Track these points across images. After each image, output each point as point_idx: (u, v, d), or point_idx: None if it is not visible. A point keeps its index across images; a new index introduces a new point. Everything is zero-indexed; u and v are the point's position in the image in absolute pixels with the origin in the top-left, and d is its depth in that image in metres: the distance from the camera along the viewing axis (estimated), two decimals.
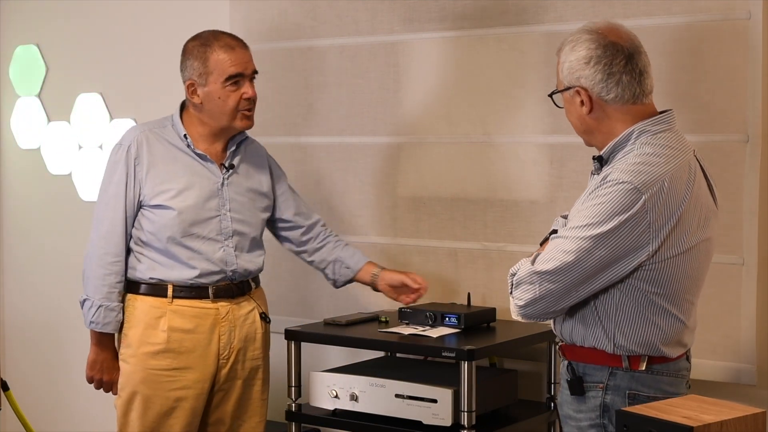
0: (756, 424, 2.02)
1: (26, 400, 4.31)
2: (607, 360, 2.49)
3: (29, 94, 4.66)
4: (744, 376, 3.07)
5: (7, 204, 4.79)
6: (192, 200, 3.15)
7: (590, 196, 2.44)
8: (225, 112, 3.15)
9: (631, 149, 2.46)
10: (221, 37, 3.16)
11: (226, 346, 3.20)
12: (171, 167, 3.17)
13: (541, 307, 2.46)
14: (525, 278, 2.46)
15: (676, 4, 3.16)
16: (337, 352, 3.74)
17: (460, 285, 3.56)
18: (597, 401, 2.50)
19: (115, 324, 3.17)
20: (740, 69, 3.05)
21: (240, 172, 3.26)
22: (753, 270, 3.05)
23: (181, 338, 3.16)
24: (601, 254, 2.39)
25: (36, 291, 4.71)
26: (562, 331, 2.57)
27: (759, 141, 3.04)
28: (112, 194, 3.17)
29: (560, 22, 3.32)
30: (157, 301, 3.17)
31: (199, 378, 3.18)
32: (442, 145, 3.61)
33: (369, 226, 3.76)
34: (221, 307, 3.20)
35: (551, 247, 2.45)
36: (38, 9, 4.62)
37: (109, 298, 3.15)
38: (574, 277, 2.41)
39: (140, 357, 3.16)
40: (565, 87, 2.53)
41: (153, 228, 3.16)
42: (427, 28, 3.61)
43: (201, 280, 3.17)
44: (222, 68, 3.12)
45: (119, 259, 3.16)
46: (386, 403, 3.12)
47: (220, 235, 3.19)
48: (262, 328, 3.29)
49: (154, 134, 3.20)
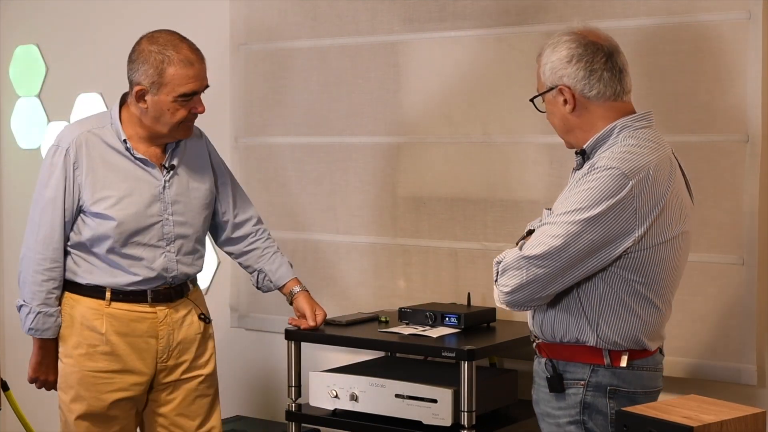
0: (756, 424, 2.03)
1: (26, 400, 4.31)
2: (589, 357, 2.52)
3: (29, 94, 4.66)
4: (744, 376, 3.07)
5: (7, 204, 4.79)
6: (133, 208, 3.07)
7: (577, 183, 2.47)
8: (168, 124, 3.05)
9: (614, 143, 2.51)
10: (181, 49, 3.02)
11: (165, 350, 3.15)
12: (110, 173, 3.07)
13: (527, 293, 2.48)
14: (512, 264, 2.48)
15: (676, 4, 3.15)
16: (337, 352, 3.74)
17: (460, 285, 3.56)
18: (577, 398, 2.53)
19: (54, 329, 3.12)
20: (740, 69, 3.05)
21: (180, 172, 3.16)
22: (753, 270, 3.05)
23: (119, 341, 3.11)
24: (590, 238, 2.42)
25: None
26: (542, 327, 2.58)
27: (759, 141, 3.04)
28: (49, 198, 3.07)
29: (560, 22, 3.32)
30: (95, 303, 3.11)
31: (137, 381, 3.13)
32: (442, 145, 3.61)
33: (369, 226, 3.76)
34: (159, 311, 3.14)
35: (538, 233, 2.47)
36: (38, 9, 4.62)
37: (47, 303, 3.09)
38: (562, 261, 2.44)
39: (77, 358, 3.11)
40: (547, 88, 2.59)
41: (92, 235, 3.07)
42: (427, 28, 3.61)
43: (140, 286, 3.11)
44: (178, 84, 3.00)
45: (58, 265, 3.09)
46: (386, 403, 3.11)
47: (161, 241, 3.11)
48: (200, 328, 3.23)
49: (93, 135, 3.08)
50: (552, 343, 2.57)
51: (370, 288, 3.75)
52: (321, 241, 3.84)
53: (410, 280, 3.68)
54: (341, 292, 3.79)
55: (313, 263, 3.85)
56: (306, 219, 3.87)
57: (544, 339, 2.59)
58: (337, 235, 3.82)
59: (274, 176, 3.91)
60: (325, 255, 3.83)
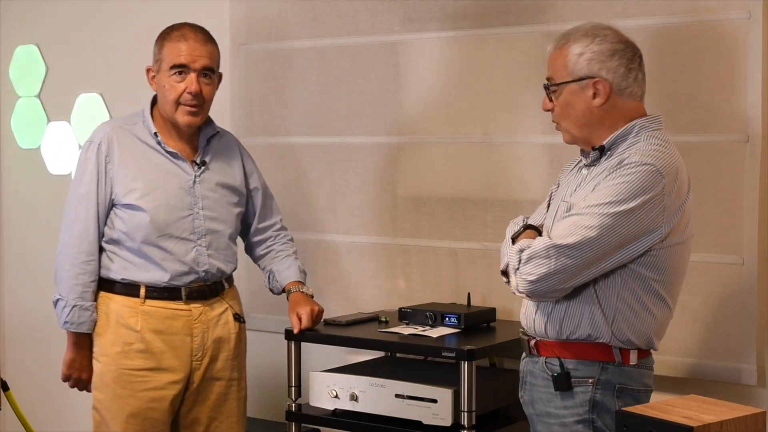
0: (756, 424, 2.03)
1: (26, 400, 4.31)
2: (599, 354, 2.52)
3: (29, 94, 4.66)
4: (744, 376, 3.07)
5: (7, 204, 4.79)
6: (162, 200, 3.12)
7: (609, 177, 2.47)
8: (168, 102, 3.12)
9: (635, 141, 2.53)
10: (182, 28, 3.16)
11: (199, 348, 3.17)
12: (141, 164, 3.14)
13: (552, 283, 2.46)
14: (540, 252, 2.45)
15: (676, 4, 3.15)
16: (337, 352, 3.74)
17: (460, 285, 3.56)
18: (586, 396, 2.52)
19: (89, 324, 3.15)
20: (740, 69, 3.05)
21: (212, 168, 3.22)
22: (753, 270, 3.06)
23: (153, 339, 3.13)
24: (622, 232, 2.43)
25: (36, 291, 4.70)
26: (546, 325, 2.57)
27: (759, 141, 3.04)
28: (83, 193, 3.14)
29: (560, 22, 3.32)
30: (130, 301, 3.14)
31: (172, 379, 3.15)
32: (442, 145, 3.61)
33: (369, 226, 3.76)
34: (194, 308, 3.17)
35: (569, 224, 2.46)
36: (38, 9, 4.62)
37: (83, 297, 3.13)
38: (593, 253, 2.44)
39: (112, 356, 3.13)
40: (577, 77, 2.55)
41: (126, 228, 3.12)
42: (427, 28, 3.61)
43: (174, 282, 3.14)
44: (170, 57, 3.11)
45: (93, 258, 3.13)
46: (386, 403, 3.11)
47: (192, 235, 3.15)
48: (235, 328, 3.26)
49: (125, 131, 3.16)
50: (557, 340, 2.56)
51: (370, 288, 3.75)
52: (321, 241, 3.84)
53: (410, 280, 3.68)
54: (341, 292, 3.79)
55: (313, 263, 3.85)
56: (306, 219, 3.87)
57: (546, 337, 2.58)
58: (337, 235, 3.82)
59: (274, 176, 3.91)
60: (325, 255, 3.83)
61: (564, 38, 2.59)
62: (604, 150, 2.56)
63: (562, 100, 2.59)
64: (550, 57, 2.61)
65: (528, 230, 2.61)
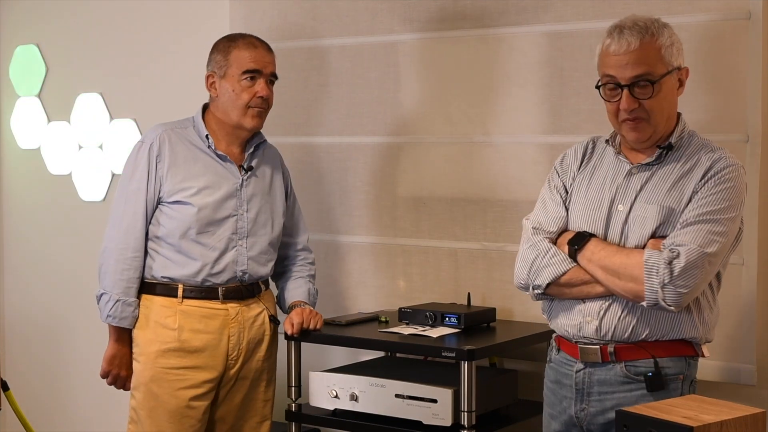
0: (756, 424, 2.02)
1: (26, 400, 4.31)
2: (686, 350, 2.56)
3: (29, 94, 4.66)
4: (744, 376, 3.07)
5: (7, 204, 4.79)
6: (212, 198, 3.18)
7: (712, 182, 2.50)
8: (237, 107, 3.19)
9: (692, 136, 2.61)
10: (248, 37, 3.26)
11: (235, 347, 3.21)
12: (192, 167, 3.20)
13: (697, 292, 2.50)
14: (695, 262, 2.44)
15: (676, 4, 3.15)
16: (337, 352, 3.74)
17: (460, 285, 3.56)
18: (677, 393, 2.53)
19: (131, 319, 3.18)
20: (740, 69, 3.05)
21: (258, 175, 3.29)
22: (753, 270, 3.06)
23: (191, 338, 3.17)
24: (734, 234, 2.53)
25: (36, 291, 4.71)
26: (633, 329, 2.54)
27: (759, 141, 3.04)
28: (133, 190, 3.19)
29: (560, 22, 3.32)
30: (168, 301, 3.18)
31: (208, 378, 3.19)
32: (442, 145, 3.61)
33: (369, 226, 3.76)
34: (231, 308, 3.21)
35: (703, 232, 2.46)
36: (38, 9, 4.62)
37: (127, 293, 3.17)
38: (721, 258, 2.52)
39: (150, 355, 3.17)
40: (673, 68, 2.55)
41: (169, 224, 3.17)
42: (427, 28, 3.61)
43: (212, 279, 3.18)
44: (240, 62, 3.19)
45: (139, 255, 3.18)
46: (386, 403, 3.11)
47: (234, 235, 3.21)
48: (270, 330, 3.30)
49: (176, 134, 3.23)
50: (644, 342, 2.54)
51: (370, 288, 3.75)
52: (321, 241, 3.83)
53: (410, 280, 3.68)
54: (341, 292, 3.79)
55: None
56: (306, 219, 3.86)
57: (630, 340, 2.55)
58: (337, 235, 3.82)
59: None
60: (325, 255, 3.83)
61: (645, 31, 2.52)
62: (671, 148, 2.58)
63: (661, 93, 2.53)
64: (636, 52, 2.51)
65: (594, 239, 2.58)
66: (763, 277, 3.06)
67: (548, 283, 2.59)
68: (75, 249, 4.52)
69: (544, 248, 2.62)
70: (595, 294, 2.57)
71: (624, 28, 2.53)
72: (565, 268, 2.58)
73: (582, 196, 2.66)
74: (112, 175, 4.39)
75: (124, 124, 4.35)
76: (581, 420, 2.62)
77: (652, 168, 2.58)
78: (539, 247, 2.63)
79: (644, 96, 2.52)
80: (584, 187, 2.67)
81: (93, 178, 4.47)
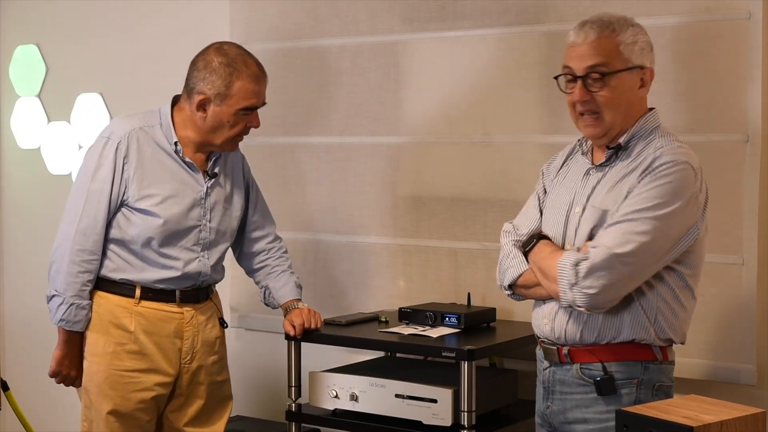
0: (756, 424, 2.02)
1: (26, 400, 4.31)
2: (642, 354, 2.51)
3: (29, 94, 4.66)
4: (744, 376, 3.07)
5: (7, 204, 4.79)
6: (177, 209, 3.10)
7: (645, 179, 2.46)
8: (224, 136, 3.10)
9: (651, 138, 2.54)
10: (250, 64, 3.08)
11: (188, 351, 3.18)
12: (158, 171, 3.10)
13: (612, 293, 2.44)
14: (602, 263, 2.42)
15: (676, 4, 3.15)
16: (337, 352, 3.74)
17: (460, 285, 3.56)
18: (631, 398, 2.51)
19: (84, 322, 3.11)
20: (740, 69, 3.05)
21: (220, 181, 3.21)
22: (753, 270, 3.06)
23: (145, 340, 3.12)
24: (672, 234, 2.45)
25: (36, 291, 4.69)
26: (582, 331, 2.54)
27: (759, 141, 3.04)
28: (95, 190, 3.08)
29: (560, 22, 3.32)
30: (124, 301, 3.12)
31: (161, 381, 3.15)
32: (442, 145, 3.61)
33: (369, 226, 3.76)
34: (186, 311, 3.17)
35: (621, 231, 2.43)
36: (38, 9, 4.62)
37: (81, 296, 3.08)
38: (650, 258, 2.44)
39: (104, 356, 3.12)
40: (632, 66, 2.53)
41: (133, 230, 3.09)
42: (427, 28, 3.61)
43: (170, 285, 3.13)
44: (244, 97, 3.05)
45: (95, 258, 3.09)
46: (386, 403, 3.11)
47: (196, 246, 3.15)
48: (220, 332, 3.27)
49: (144, 133, 3.11)
50: (595, 345, 2.53)
51: (370, 288, 3.75)
52: (321, 241, 3.84)
53: (410, 280, 3.68)
54: (341, 292, 3.79)
55: (313, 263, 3.85)
56: (306, 219, 3.87)
57: (582, 343, 2.55)
58: (337, 235, 3.82)
59: (274, 176, 3.91)
60: (325, 255, 3.83)
61: (606, 26, 2.53)
62: (620, 148, 2.54)
63: (615, 88, 2.52)
64: (592, 44, 2.52)
65: (542, 240, 2.59)
66: (763, 277, 3.06)
67: (509, 284, 2.66)
68: None
69: (507, 251, 2.67)
70: (546, 296, 2.59)
71: (588, 22, 2.56)
72: (521, 270, 2.63)
73: (551, 198, 2.69)
74: None
75: None
76: (547, 417, 2.66)
77: (605, 169, 2.57)
78: (504, 249, 2.69)
79: (596, 88, 2.52)
80: (555, 188, 2.69)
81: None
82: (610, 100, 2.52)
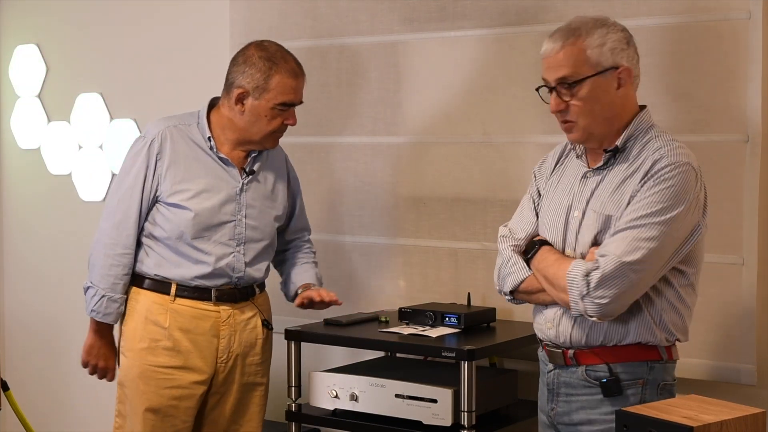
0: (756, 424, 2.02)
1: (26, 400, 4.31)
2: (647, 354, 2.51)
3: (29, 94, 4.66)
4: (744, 376, 3.07)
5: (7, 204, 4.79)
6: (209, 203, 3.14)
7: (647, 183, 2.44)
8: (262, 131, 3.14)
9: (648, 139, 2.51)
10: (289, 60, 3.14)
11: (225, 350, 3.20)
12: (192, 167, 3.15)
13: (623, 301, 2.44)
14: (612, 273, 2.40)
15: (676, 4, 3.16)
16: (337, 352, 3.74)
17: (460, 285, 3.56)
18: (637, 398, 2.50)
19: (115, 315, 3.17)
20: (740, 69, 3.05)
21: (259, 179, 3.24)
22: (753, 270, 3.06)
23: (180, 337, 3.15)
24: (678, 236, 2.44)
25: (36, 291, 4.71)
26: (588, 335, 2.53)
27: (759, 141, 3.04)
28: (128, 185, 3.15)
29: (560, 22, 3.30)
30: (160, 298, 3.16)
31: (196, 379, 3.17)
32: (442, 145, 3.61)
33: (369, 226, 3.76)
34: (223, 310, 3.20)
35: (629, 238, 2.41)
36: (38, 9, 4.62)
37: (113, 289, 3.14)
38: (657, 263, 2.43)
39: (138, 352, 3.15)
40: (603, 69, 2.50)
41: (167, 225, 3.14)
42: (427, 28, 3.61)
43: (205, 282, 3.16)
44: (282, 91, 3.10)
45: (129, 252, 3.15)
46: (386, 403, 3.11)
47: (232, 240, 3.17)
48: (263, 334, 3.28)
49: (179, 131, 3.17)
50: (601, 347, 2.53)
51: (370, 288, 3.75)
52: (321, 241, 3.83)
53: (410, 280, 3.68)
54: (341, 292, 3.78)
55: None
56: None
57: (587, 346, 2.54)
58: (337, 235, 3.82)
59: None
60: (325, 255, 3.83)
61: (571, 33, 2.52)
62: (617, 151, 2.53)
63: (586, 95, 2.50)
64: (557, 55, 2.52)
65: (545, 247, 2.58)
66: (763, 277, 3.06)
67: (511, 290, 2.65)
68: (75, 249, 4.51)
69: (507, 256, 2.67)
70: (550, 301, 2.58)
71: (556, 31, 2.56)
72: (523, 277, 2.63)
73: (548, 201, 2.67)
74: (112, 175, 4.39)
75: (124, 124, 4.35)
76: (552, 419, 2.65)
77: (603, 172, 2.56)
78: (503, 255, 2.69)
79: (568, 98, 2.52)
80: (551, 191, 2.68)
81: (93, 178, 4.47)
82: (582, 108, 2.51)
